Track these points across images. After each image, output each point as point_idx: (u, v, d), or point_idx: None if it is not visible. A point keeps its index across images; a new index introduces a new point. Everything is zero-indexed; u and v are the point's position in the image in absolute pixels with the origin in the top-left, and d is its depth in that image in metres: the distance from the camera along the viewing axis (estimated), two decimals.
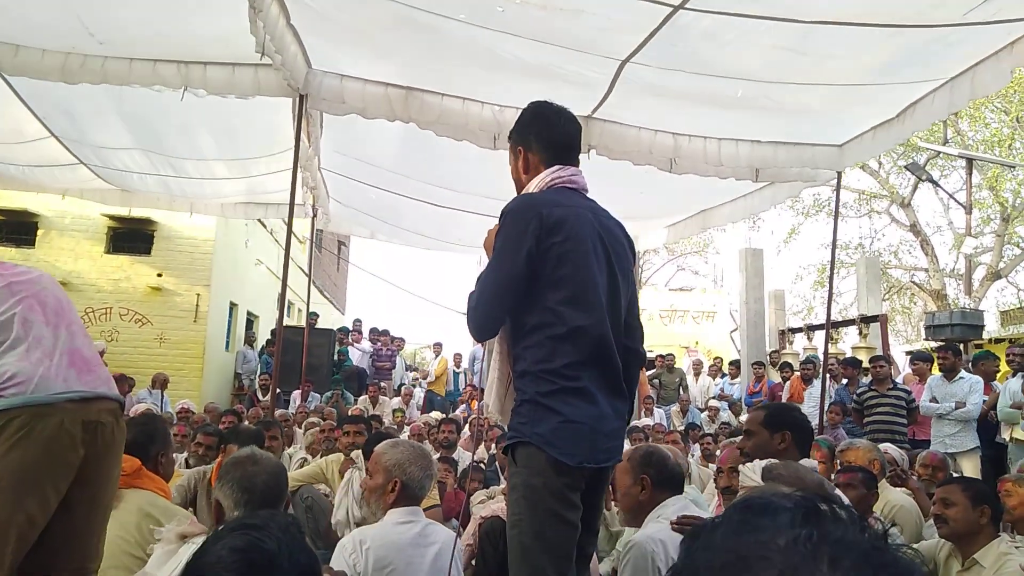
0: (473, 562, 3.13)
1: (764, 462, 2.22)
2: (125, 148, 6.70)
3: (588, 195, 2.17)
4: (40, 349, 2.05)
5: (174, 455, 3.43)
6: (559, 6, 3.67)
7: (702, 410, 10.28)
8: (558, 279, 1.95)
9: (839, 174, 5.89)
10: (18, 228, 11.00)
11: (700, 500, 4.07)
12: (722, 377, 11.61)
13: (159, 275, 11.20)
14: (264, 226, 13.55)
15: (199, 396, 10.29)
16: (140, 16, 4.39)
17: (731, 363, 11.88)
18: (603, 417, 1.96)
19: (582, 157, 5.77)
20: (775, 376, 10.25)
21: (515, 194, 2.17)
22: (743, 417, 9.90)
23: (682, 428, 8.22)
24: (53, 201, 9.70)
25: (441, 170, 6.45)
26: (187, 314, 11.10)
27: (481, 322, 2.01)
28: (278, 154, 6.45)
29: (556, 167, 2.11)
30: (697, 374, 11.80)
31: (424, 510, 3.36)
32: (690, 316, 19.57)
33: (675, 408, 10.35)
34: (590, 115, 5.23)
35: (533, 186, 2.11)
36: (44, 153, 6.83)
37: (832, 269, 6.38)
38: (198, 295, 11.24)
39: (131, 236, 11.27)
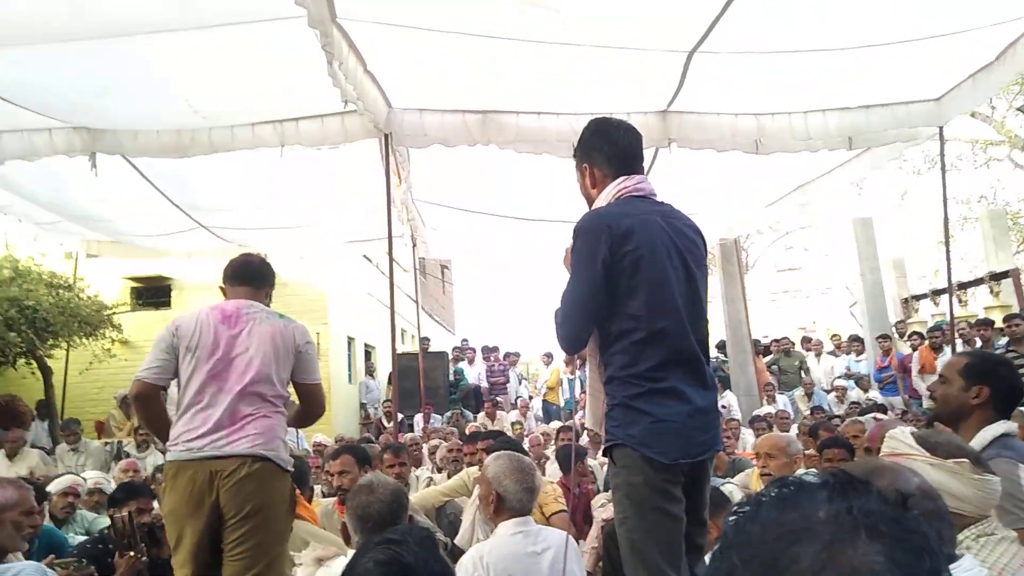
0: (600, 564, 3.19)
1: (911, 429, 2.05)
2: (237, 208, 7.27)
3: (656, 199, 2.23)
4: (199, 415, 2.67)
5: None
6: (616, 13, 3.72)
7: (828, 391, 9.84)
8: (634, 286, 2.03)
9: (940, 129, 5.56)
10: (155, 292, 12.06)
11: None
12: (847, 355, 11.07)
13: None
14: (369, 261, 14.18)
15: (330, 429, 10.86)
16: (234, 87, 4.78)
17: (852, 338, 11.30)
18: (695, 412, 2.02)
19: (663, 152, 5.77)
20: (904, 348, 9.69)
21: (587, 208, 2.26)
22: (872, 394, 9.41)
23: (807, 412, 7.92)
24: (181, 263, 10.60)
25: (525, 185, 6.59)
26: None
27: (567, 336, 2.11)
28: (373, 193, 6.79)
29: (622, 178, 2.18)
30: (818, 355, 11.30)
31: (552, 514, 3.48)
32: (803, 295, 18.73)
33: (799, 392, 9.96)
34: (666, 110, 5.21)
35: (601, 200, 2.19)
36: (168, 221, 7.51)
37: (946, 228, 6.00)
38: (318, 333, 11.88)
39: None
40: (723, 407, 9.00)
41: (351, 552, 2.24)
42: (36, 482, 4.48)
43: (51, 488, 4.37)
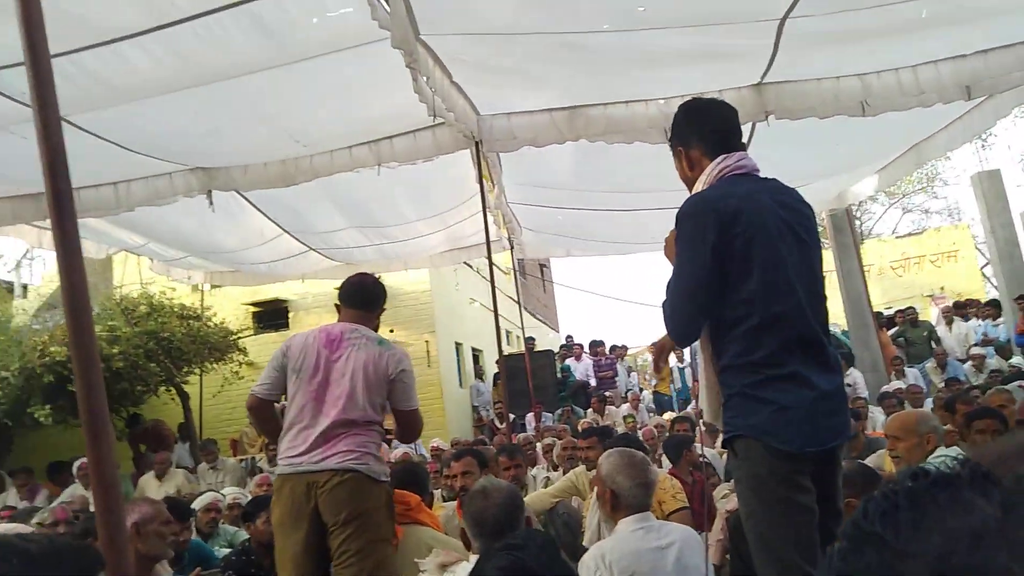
0: (727, 556, 3.10)
1: None
2: (342, 228, 7.58)
3: (761, 176, 2.12)
4: (300, 434, 2.90)
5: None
6: None
7: (963, 361, 9.15)
8: (747, 269, 1.93)
9: None
10: (274, 315, 12.76)
11: None
12: (983, 320, 10.27)
13: (391, 331, 12.35)
14: (470, 267, 14.44)
15: (445, 433, 11.13)
16: (329, 114, 4.98)
17: (988, 303, 10.46)
18: (821, 398, 1.91)
19: (761, 125, 5.56)
20: None
21: (687, 193, 2.18)
22: (1016, 360, 8.68)
23: (942, 385, 7.40)
24: (295, 286, 11.19)
25: (618, 175, 6.50)
26: (421, 361, 12.11)
27: (678, 329, 2.04)
28: (468, 201, 6.91)
29: (720, 157, 2.08)
30: (950, 322, 10.54)
31: (672, 512, 3.41)
32: (927, 260, 17.42)
33: (930, 364, 9.33)
34: (760, 82, 5.00)
35: (701, 183, 2.10)
36: (281, 247, 7.93)
37: None
38: (427, 342, 12.22)
39: None
40: (848, 385, 8.56)
41: (473, 557, 2.28)
42: (183, 500, 4.84)
43: (195, 505, 4.70)
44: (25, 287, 14.15)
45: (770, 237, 1.95)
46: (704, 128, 2.15)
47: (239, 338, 10.71)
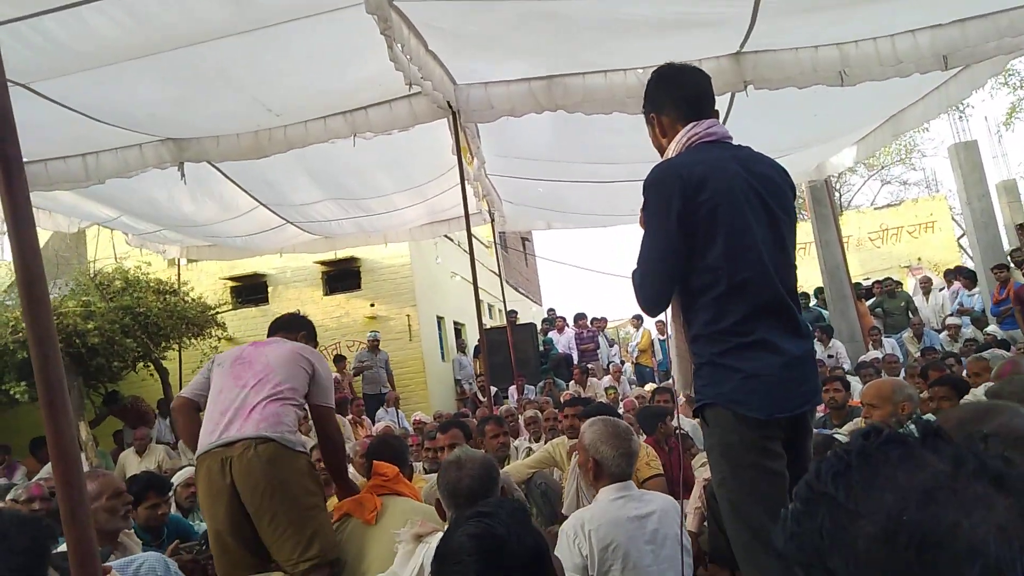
0: (705, 524, 3.13)
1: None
2: (319, 201, 7.48)
3: (732, 143, 2.10)
4: (216, 415, 2.90)
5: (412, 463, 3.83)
6: None
7: (939, 331, 9.29)
8: (712, 236, 1.92)
9: None
10: (253, 290, 12.64)
11: None
12: (958, 291, 10.41)
13: (372, 305, 12.30)
14: (451, 240, 14.37)
15: (428, 407, 11.15)
16: (302, 82, 4.88)
17: (958, 271, 10.59)
18: (790, 364, 1.91)
19: (740, 96, 5.52)
20: (1021, 277, 9.00)
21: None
22: (991, 329, 8.82)
23: (918, 354, 7.51)
24: (274, 260, 11.08)
25: (597, 147, 6.46)
26: (402, 335, 12.08)
27: (648, 297, 2.02)
28: (446, 173, 6.84)
29: (691, 124, 2.06)
30: (927, 292, 10.68)
31: (646, 480, 3.44)
32: (905, 232, 17.60)
33: (907, 334, 9.46)
34: (739, 51, 4.96)
35: (671, 150, 2.08)
36: (257, 220, 7.82)
37: None
38: (408, 316, 12.18)
39: (342, 276, 12.50)
40: (830, 356, 8.69)
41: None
42: (163, 475, 4.81)
43: (175, 480, 4.67)
44: None
45: (736, 204, 1.94)
46: (676, 94, 2.12)
47: (217, 313, 10.59)
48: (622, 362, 12.59)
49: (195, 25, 3.77)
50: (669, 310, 2.07)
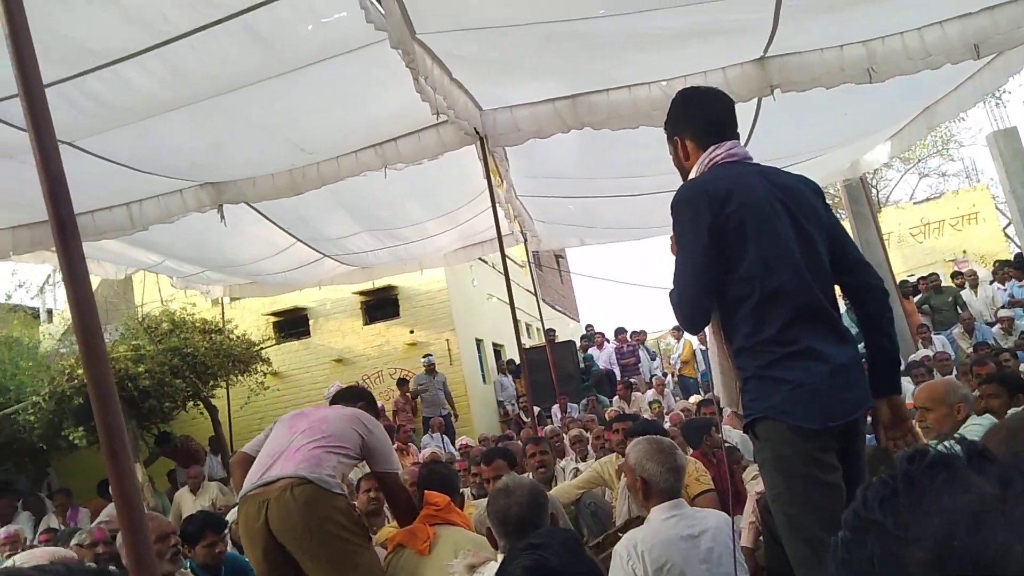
0: (760, 538, 3.07)
1: None
2: (354, 233, 7.61)
3: (752, 162, 2.15)
4: (261, 459, 2.98)
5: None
6: None
7: (991, 324, 9.00)
8: (742, 247, 1.94)
9: None
10: (295, 323, 12.86)
11: None
12: (1009, 282, 10.09)
13: (411, 332, 12.41)
14: (485, 262, 14.45)
15: (472, 430, 11.16)
16: (332, 119, 5.00)
17: (1007, 264, 10.26)
18: (836, 371, 1.90)
19: (767, 100, 5.48)
20: None
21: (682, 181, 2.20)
22: None
23: (970, 350, 7.29)
24: (313, 293, 11.28)
25: (625, 161, 6.47)
26: (443, 360, 12.14)
27: (687, 312, 2.03)
28: (477, 197, 6.90)
29: (712, 147, 2.11)
30: (974, 286, 10.37)
31: (697, 495, 3.39)
32: (947, 225, 17.13)
33: (957, 330, 9.18)
34: (763, 57, 4.94)
35: (694, 172, 2.14)
36: (295, 256, 7.98)
37: None
38: (447, 340, 12.26)
39: (380, 305, 12.65)
40: None
41: (501, 557, 2.28)
42: (219, 513, 4.89)
43: (230, 517, 4.74)
44: (50, 312, 14.38)
45: (763, 214, 1.97)
46: (698, 119, 2.17)
47: (261, 349, 10.80)
48: (665, 374, 12.46)
49: (229, 73, 3.90)
50: (709, 326, 2.07)
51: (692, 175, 2.14)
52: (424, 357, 11.36)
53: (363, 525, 3.01)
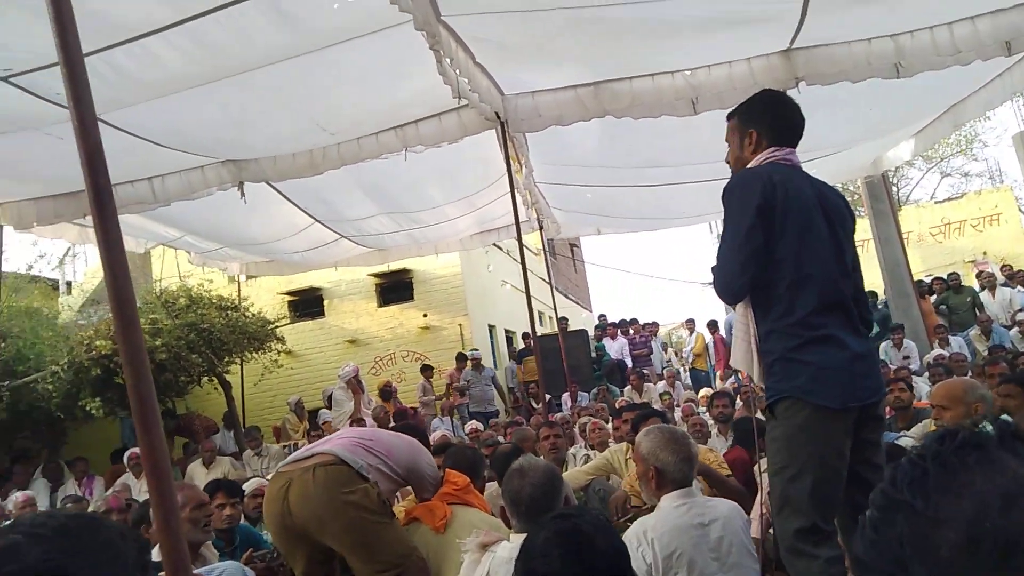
0: (770, 531, 3.08)
1: None
2: (372, 215, 7.63)
3: (802, 170, 2.34)
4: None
5: None
6: None
7: (1008, 327, 8.92)
8: (783, 231, 2.10)
9: None
10: (310, 303, 12.95)
11: None
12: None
13: (424, 315, 12.46)
14: (500, 249, 14.46)
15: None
16: (354, 100, 5.00)
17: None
18: (855, 358, 2.04)
19: (792, 93, 5.47)
20: None
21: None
22: None
23: (986, 352, 7.23)
24: (329, 274, 11.33)
25: (645, 150, 6.43)
26: (455, 344, 12.19)
27: (726, 282, 2.17)
28: (495, 182, 6.90)
29: (774, 147, 2.30)
30: (992, 288, 10.26)
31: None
32: (968, 225, 16.92)
33: (974, 332, 9.10)
34: (789, 48, 4.89)
35: (753, 163, 2.30)
36: (313, 237, 8.02)
37: None
38: (460, 325, 12.30)
39: (395, 288, 12.71)
40: (905, 357, 8.49)
41: (513, 535, 2.30)
42: (234, 484, 4.96)
43: (246, 487, 4.81)
44: (69, 284, 14.55)
45: (806, 210, 2.15)
46: (780, 122, 2.36)
47: (277, 327, 10.88)
48: (678, 370, 12.44)
49: (253, 51, 3.92)
50: (742, 303, 2.20)
51: (750, 166, 2.31)
52: (471, 351, 11.01)
53: (386, 503, 2.96)
